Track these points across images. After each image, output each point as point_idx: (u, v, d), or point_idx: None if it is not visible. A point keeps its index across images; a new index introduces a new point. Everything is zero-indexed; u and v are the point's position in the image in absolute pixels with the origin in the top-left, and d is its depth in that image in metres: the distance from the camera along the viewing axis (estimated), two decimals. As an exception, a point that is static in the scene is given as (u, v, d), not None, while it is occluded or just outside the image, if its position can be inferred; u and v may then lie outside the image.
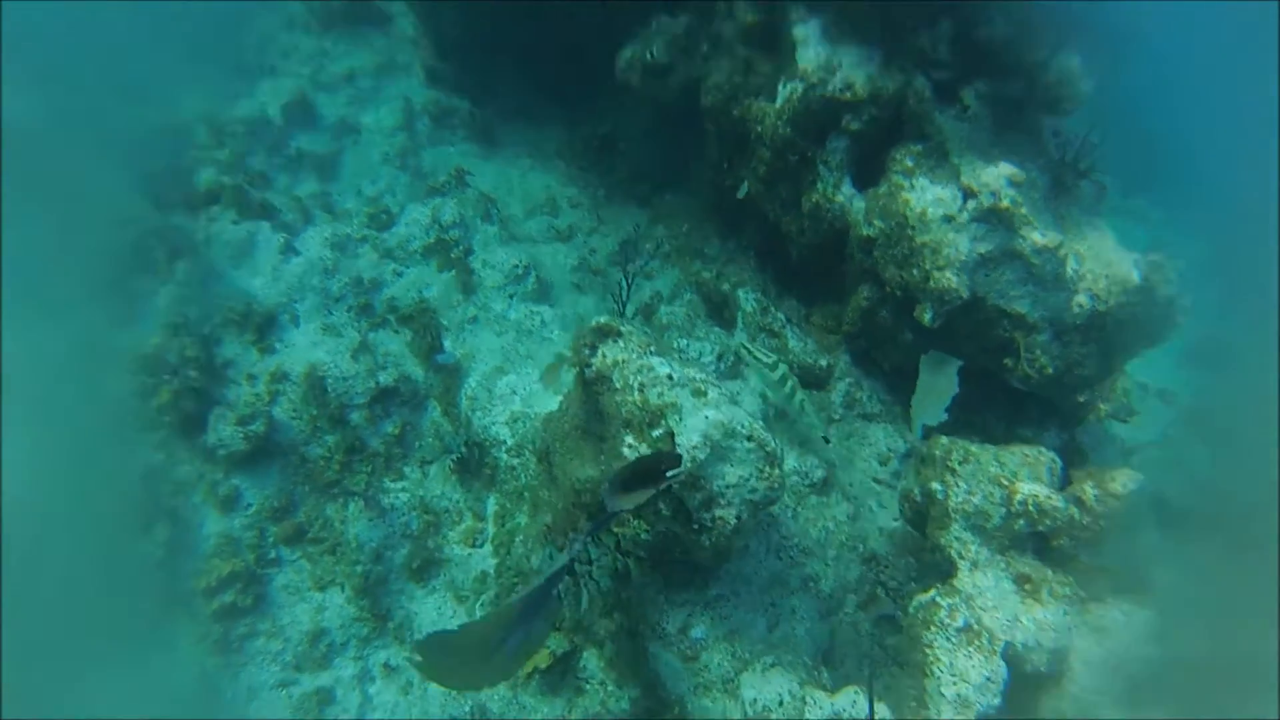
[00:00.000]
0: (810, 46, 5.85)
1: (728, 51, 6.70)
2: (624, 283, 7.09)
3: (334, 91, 9.23)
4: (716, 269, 7.67)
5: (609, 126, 9.09)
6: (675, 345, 6.71)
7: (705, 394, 4.76)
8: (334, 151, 8.75)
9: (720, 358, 6.74)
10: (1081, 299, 5.18)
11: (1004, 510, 4.96)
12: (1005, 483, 4.98)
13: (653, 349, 5.05)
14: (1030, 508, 4.91)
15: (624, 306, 7.12)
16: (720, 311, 7.51)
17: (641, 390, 4.75)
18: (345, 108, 9.16)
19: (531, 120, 9.92)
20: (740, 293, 7.20)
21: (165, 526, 6.08)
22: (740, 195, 7.16)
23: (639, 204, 9.17)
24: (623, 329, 5.11)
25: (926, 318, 5.45)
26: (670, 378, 4.79)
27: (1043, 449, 5.22)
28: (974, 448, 5.16)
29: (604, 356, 4.97)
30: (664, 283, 8.10)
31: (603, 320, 5.14)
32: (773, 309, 6.99)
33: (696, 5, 7.47)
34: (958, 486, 5.11)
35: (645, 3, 8.19)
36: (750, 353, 6.14)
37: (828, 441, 6.08)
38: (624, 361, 4.91)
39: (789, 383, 5.85)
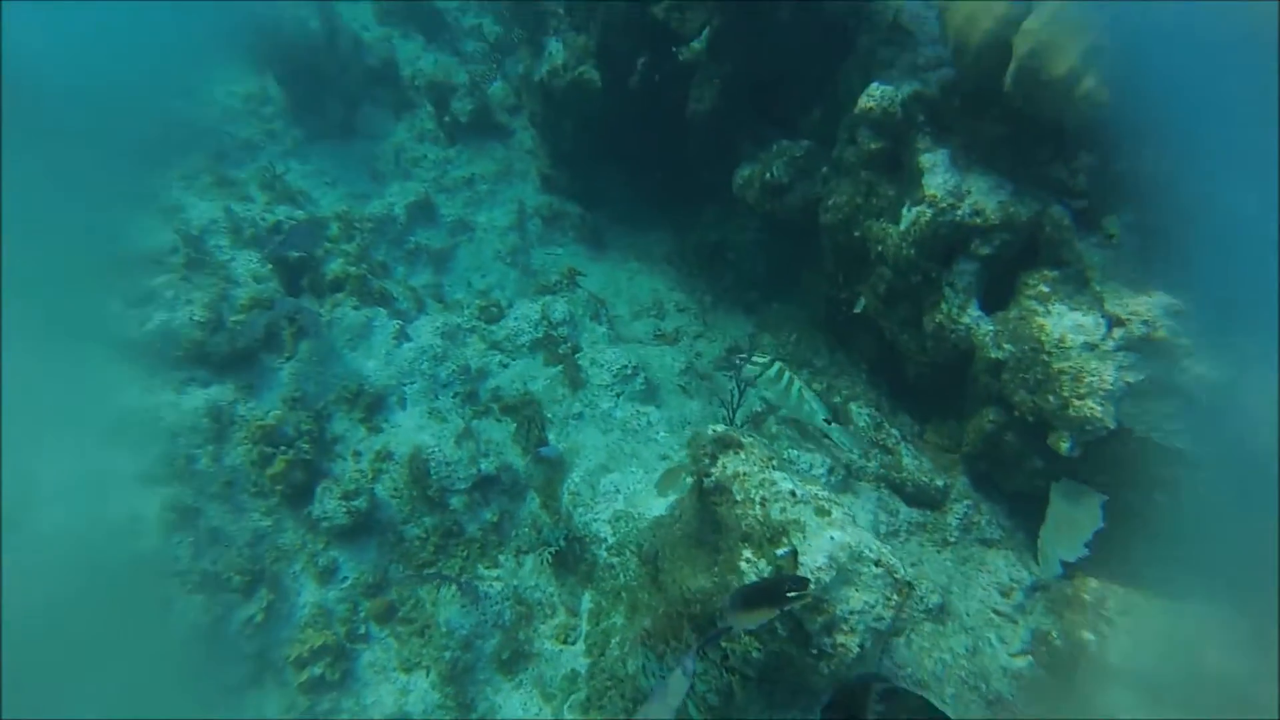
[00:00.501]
0: (938, 173, 5.94)
1: (849, 174, 6.84)
2: (735, 390, 7.08)
3: (454, 193, 9.71)
4: (827, 381, 7.58)
5: (718, 236, 9.30)
6: (786, 456, 6.56)
7: (829, 513, 4.61)
8: (449, 247, 9.13)
9: (831, 471, 6.56)
10: (1259, 436, 4.90)
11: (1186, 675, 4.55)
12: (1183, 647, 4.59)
13: (775, 463, 4.95)
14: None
15: (734, 414, 7.06)
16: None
17: (763, 505, 4.63)
18: (462, 208, 9.60)
19: (638, 226, 10.24)
20: (853, 407, 7.07)
21: (267, 592, 6.08)
22: (856, 310, 7.16)
23: (745, 312, 9.25)
24: (744, 441, 5.04)
25: (1064, 447, 5.23)
26: (793, 494, 4.67)
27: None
28: (1138, 597, 4.79)
29: (724, 467, 4.89)
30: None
31: (722, 430, 5.09)
32: (887, 424, 6.84)
33: (817, 131, 7.77)
34: (1117, 641, 4.73)
35: (756, 129, 8.63)
36: (748, 359, 6.37)
37: (829, 423, 6.10)
38: (745, 474, 4.82)
39: (784, 376, 6.07)
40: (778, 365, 6.10)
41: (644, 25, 8.18)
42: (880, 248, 6.47)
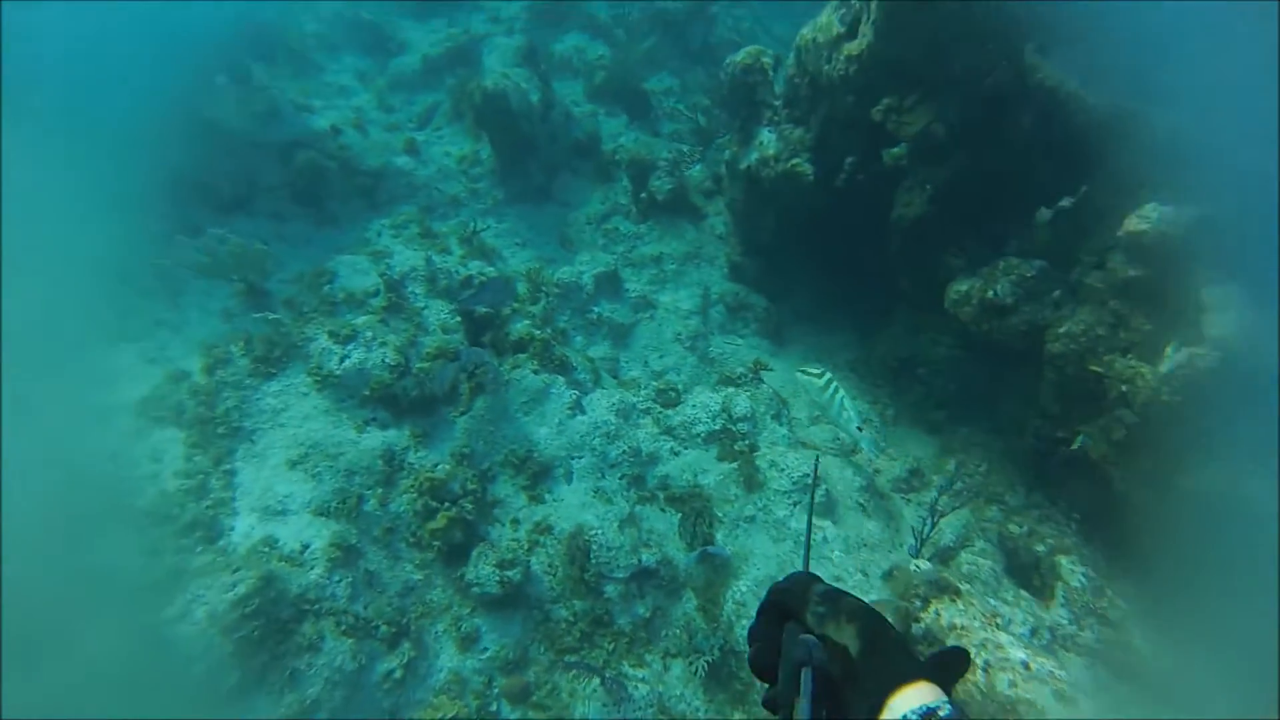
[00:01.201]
0: (1229, 313, 5.17)
1: (1093, 301, 6.15)
2: (926, 520, 6.40)
3: (640, 269, 9.65)
4: (1027, 525, 6.72)
5: (908, 349, 8.69)
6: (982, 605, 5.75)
7: (1076, 703, 3.85)
8: (631, 323, 9.00)
9: (1034, 633, 5.67)
10: None
11: None
12: None
13: (1000, 620, 4.25)
14: None
15: (921, 545, 6.36)
16: (1028, 574, 6.47)
17: (987, 672, 3.94)
18: (647, 285, 9.50)
19: (822, 326, 9.81)
20: (1062, 561, 6.17)
21: (410, 648, 5.85)
22: (1073, 447, 6.34)
23: (929, 431, 8.53)
24: (962, 588, 4.40)
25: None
26: (1027, 666, 3.96)
27: None
28: None
29: (939, 615, 4.25)
30: (952, 523, 7.26)
31: (933, 569, 4.45)
32: (1109, 591, 5.89)
33: (1046, 250, 7.13)
34: None
35: (964, 241, 8.07)
36: (804, 372, 6.65)
37: (861, 430, 6.35)
38: (964, 629, 4.17)
39: (832, 386, 6.43)
40: (828, 376, 6.46)
41: (864, 124, 7.91)
42: (1125, 388, 5.69)
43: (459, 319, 7.96)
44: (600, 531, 6.48)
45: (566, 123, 11.16)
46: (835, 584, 1.46)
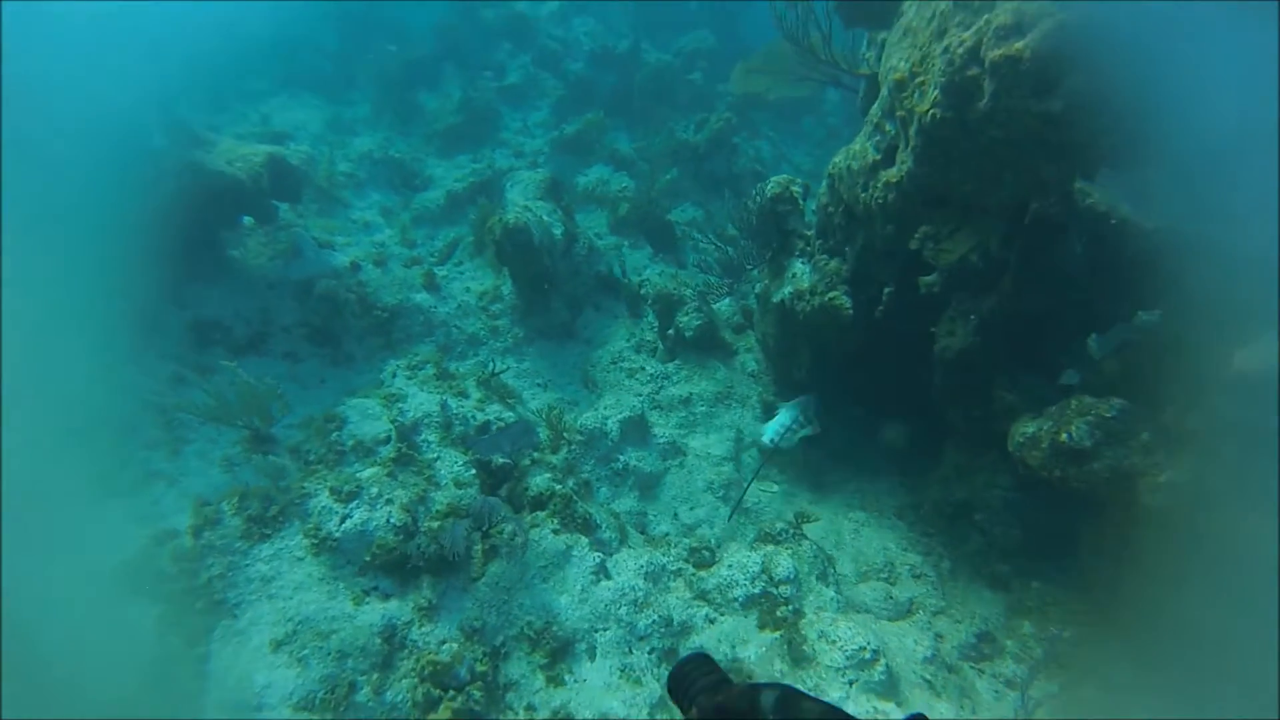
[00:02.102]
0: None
1: (1196, 447, 5.43)
2: (1020, 708, 5.47)
3: (668, 412, 9.06)
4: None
5: (964, 493, 7.91)
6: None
7: None
8: (659, 472, 8.33)
9: None
10: None
11: None
12: None
13: None
14: None
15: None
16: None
17: None
18: (676, 429, 8.89)
19: (864, 470, 9.07)
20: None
21: None
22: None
23: (992, 586, 7.64)
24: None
25: None
26: None
27: None
28: None
29: None
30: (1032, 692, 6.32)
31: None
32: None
33: (1120, 386, 6.50)
34: None
35: (1014, 372, 7.48)
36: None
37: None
38: None
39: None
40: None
41: (904, 254, 7.48)
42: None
43: (474, 471, 7.35)
44: (628, 725, 5.59)
45: (590, 256, 10.90)
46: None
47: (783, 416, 8.48)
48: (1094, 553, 6.77)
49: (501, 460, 7.47)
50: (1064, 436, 6.21)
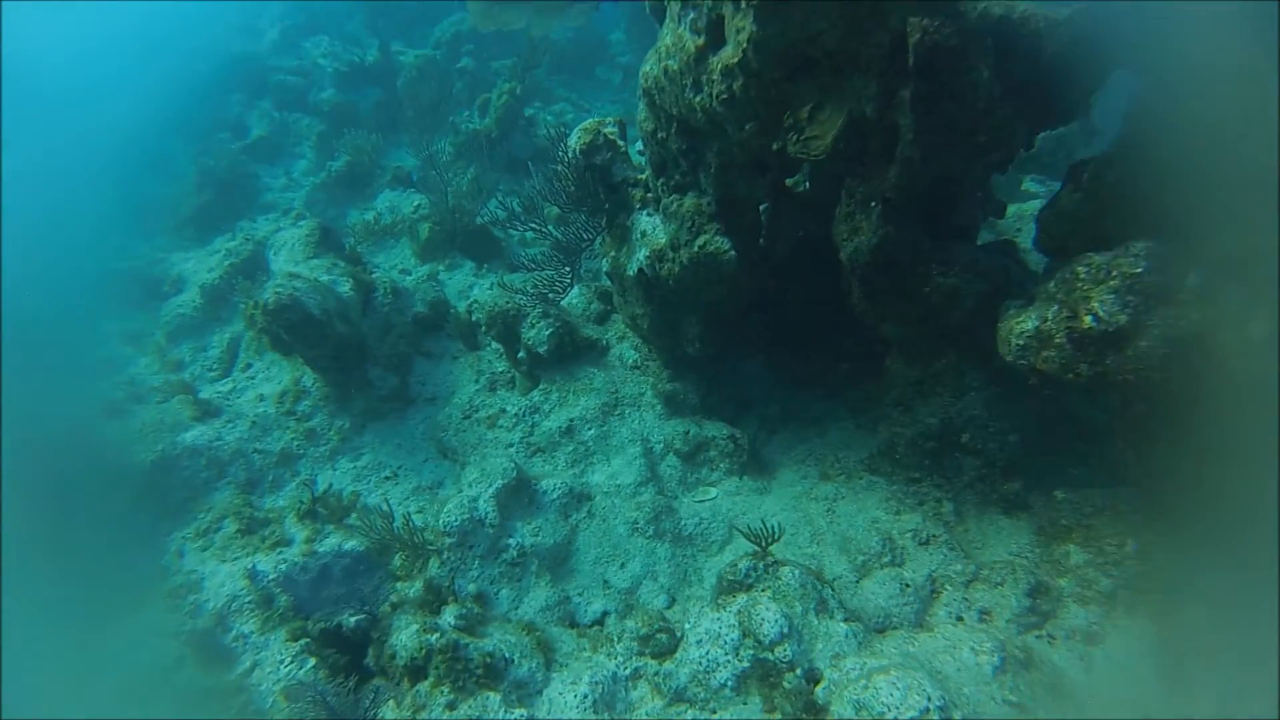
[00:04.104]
0: None
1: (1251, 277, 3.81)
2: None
3: (552, 454, 7.05)
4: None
5: (939, 416, 6.26)
6: None
7: None
8: (565, 538, 6.32)
9: None
10: None
11: None
12: None
13: None
14: None
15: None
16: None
17: None
18: (569, 472, 6.90)
19: (805, 426, 7.36)
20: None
21: None
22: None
23: (1007, 511, 6.09)
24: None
25: None
26: None
27: None
28: None
29: None
30: (1121, 640, 4.74)
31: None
32: None
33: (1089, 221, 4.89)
34: None
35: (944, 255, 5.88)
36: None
37: None
38: None
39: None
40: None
41: (772, 159, 5.69)
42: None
43: (316, 653, 5.14)
44: None
45: (397, 301, 8.69)
46: None
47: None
48: (1130, 439, 5.19)
49: (355, 619, 5.30)
50: (1086, 320, 4.52)
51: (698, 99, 5.24)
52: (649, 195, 6.81)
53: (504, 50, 16.11)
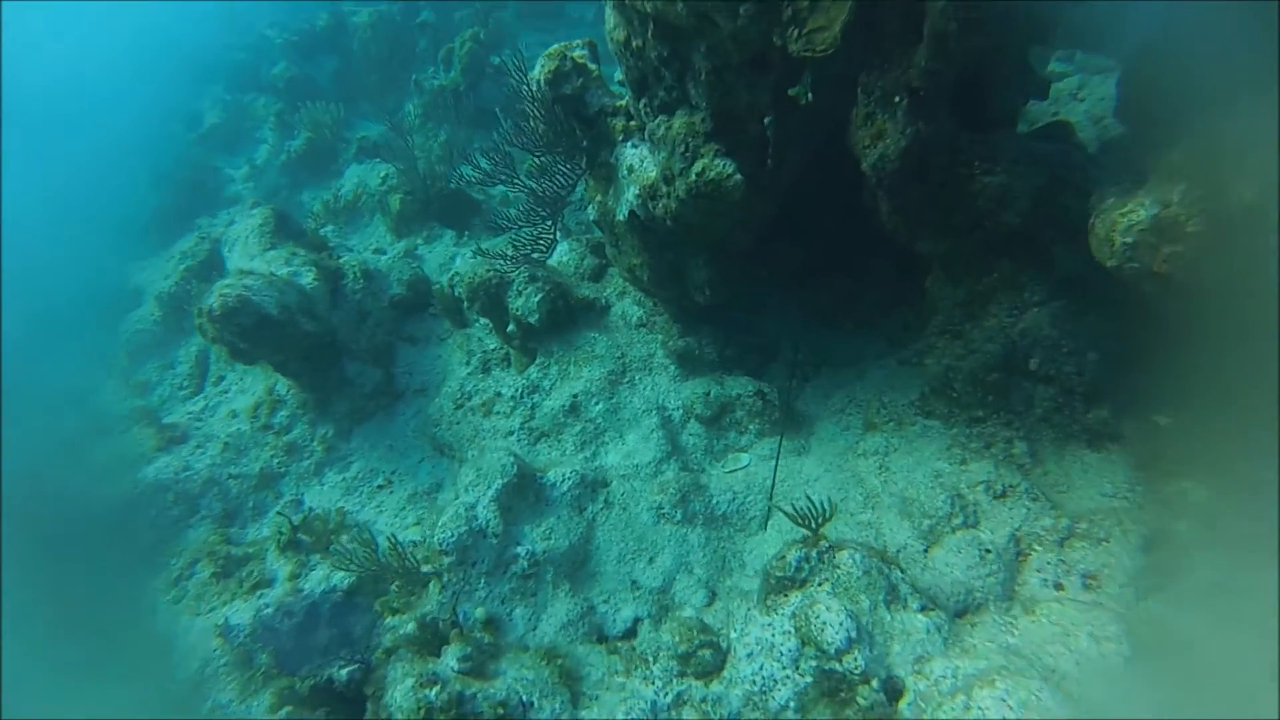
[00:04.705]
0: None
1: None
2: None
3: (557, 437, 6.18)
4: None
5: (997, 339, 5.28)
6: None
7: None
8: (582, 536, 5.46)
9: None
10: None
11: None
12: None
13: None
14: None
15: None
16: None
17: None
18: (579, 456, 6.03)
19: (842, 366, 6.41)
20: None
21: None
22: None
23: (1094, 445, 5.14)
24: None
25: None
26: None
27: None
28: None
29: None
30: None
31: None
32: None
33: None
34: None
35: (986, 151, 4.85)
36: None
37: None
38: None
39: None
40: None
41: (776, 54, 4.62)
42: None
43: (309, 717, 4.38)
44: None
45: (369, 285, 7.79)
46: None
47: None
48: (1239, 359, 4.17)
49: (347, 671, 4.53)
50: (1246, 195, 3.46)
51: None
52: (632, 124, 5.77)
53: (466, -2, 14.83)
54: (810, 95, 6.30)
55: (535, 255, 6.75)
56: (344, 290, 7.60)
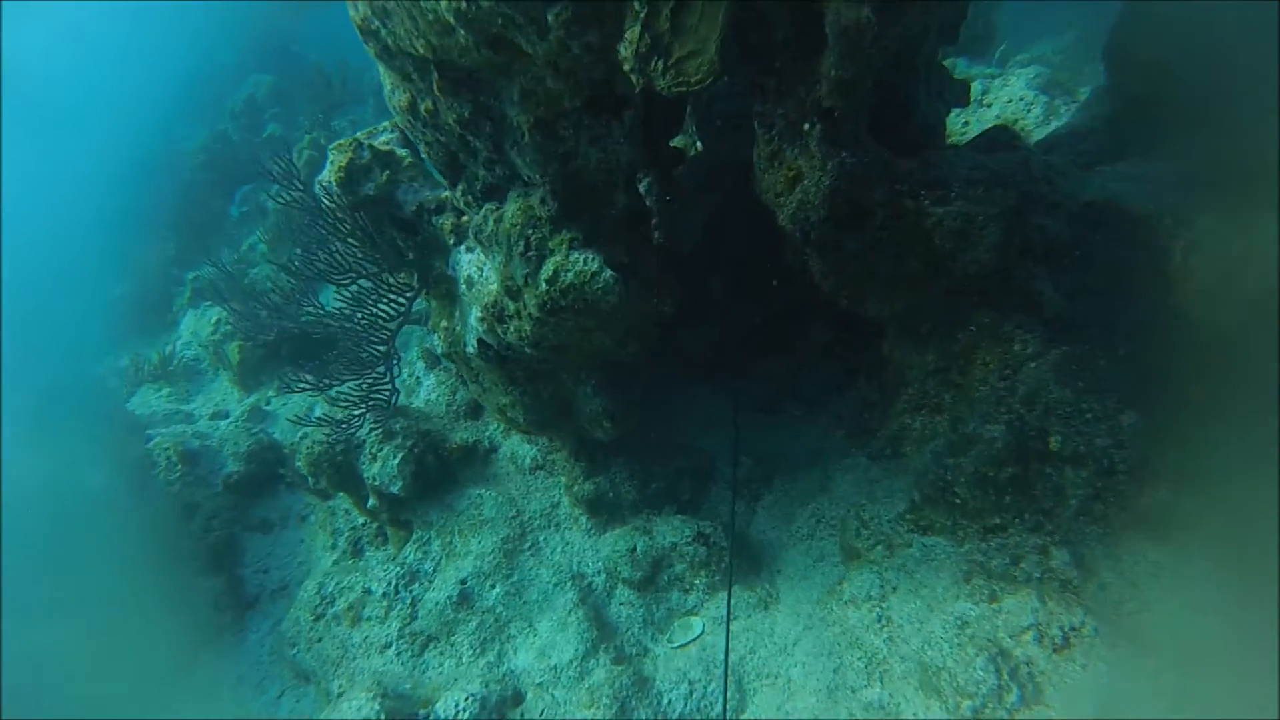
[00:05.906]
0: None
1: None
2: None
3: (449, 640, 4.60)
4: None
5: (1002, 422, 3.93)
6: None
7: None
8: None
9: None
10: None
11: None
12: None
13: None
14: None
15: None
16: None
17: None
18: (478, 661, 4.44)
19: (798, 471, 5.02)
20: None
21: None
22: None
23: (1157, 538, 3.79)
24: None
25: None
26: None
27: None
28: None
29: None
30: None
31: None
32: None
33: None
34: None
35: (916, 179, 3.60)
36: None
37: None
38: None
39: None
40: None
41: (615, 93, 3.25)
42: None
43: None
44: None
45: (193, 470, 6.11)
46: None
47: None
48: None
49: None
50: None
51: (445, 3, 2.74)
52: (464, 219, 4.34)
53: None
54: (699, 143, 5.02)
55: (373, 403, 5.19)
56: (154, 483, 5.90)
